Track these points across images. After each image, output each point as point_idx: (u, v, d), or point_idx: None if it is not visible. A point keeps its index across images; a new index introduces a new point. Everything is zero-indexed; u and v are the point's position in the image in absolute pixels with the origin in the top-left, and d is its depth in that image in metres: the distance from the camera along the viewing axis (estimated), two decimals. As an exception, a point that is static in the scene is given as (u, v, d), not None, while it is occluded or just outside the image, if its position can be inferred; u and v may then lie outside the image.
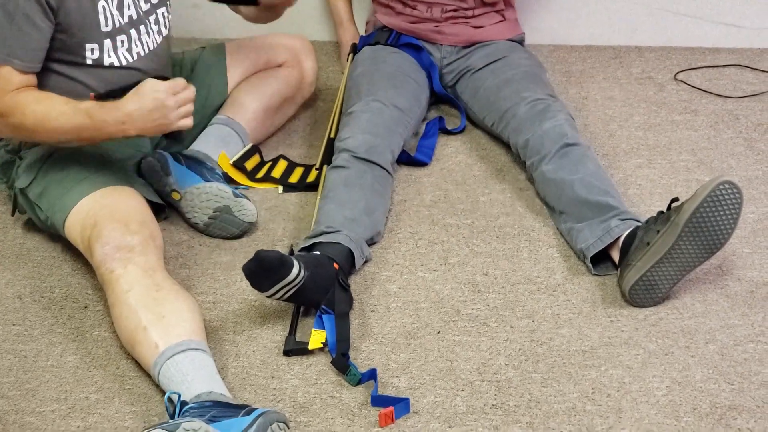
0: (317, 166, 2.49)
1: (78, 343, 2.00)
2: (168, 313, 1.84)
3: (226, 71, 2.53)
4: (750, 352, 1.95)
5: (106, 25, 2.10)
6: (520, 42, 2.80)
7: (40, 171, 2.15)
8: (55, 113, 2.00)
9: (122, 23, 2.14)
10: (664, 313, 2.05)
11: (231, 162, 2.45)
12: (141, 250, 1.95)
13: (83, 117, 1.99)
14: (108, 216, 2.00)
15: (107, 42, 2.12)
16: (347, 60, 2.77)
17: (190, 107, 2.04)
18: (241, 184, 2.46)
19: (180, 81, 2.03)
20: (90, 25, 2.08)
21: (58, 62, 2.09)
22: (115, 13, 2.12)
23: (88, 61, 2.11)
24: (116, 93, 2.06)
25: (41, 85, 2.07)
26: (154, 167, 2.26)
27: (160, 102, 1.98)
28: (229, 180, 2.42)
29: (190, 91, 2.04)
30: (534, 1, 3.11)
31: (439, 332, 2.02)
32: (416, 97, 2.60)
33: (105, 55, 2.13)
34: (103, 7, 2.09)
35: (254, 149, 2.53)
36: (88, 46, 2.10)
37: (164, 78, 2.04)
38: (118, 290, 1.89)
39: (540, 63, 2.75)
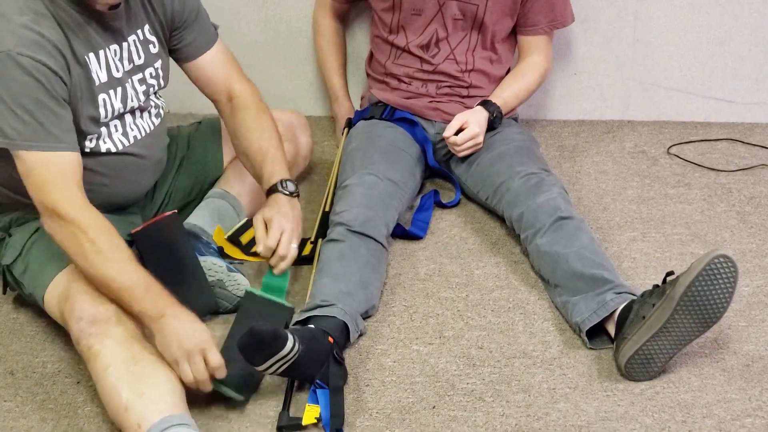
0: (312, 239, 2.49)
1: (69, 419, 1.98)
2: (147, 388, 1.82)
3: (222, 146, 2.54)
4: (748, 426, 1.93)
5: (105, 117, 2.09)
6: (514, 119, 2.83)
7: (24, 248, 2.14)
8: (116, 262, 1.93)
9: (121, 112, 2.14)
10: (661, 387, 2.04)
11: (226, 236, 2.45)
12: (117, 320, 1.92)
13: (136, 290, 1.92)
14: (78, 287, 1.98)
15: (103, 130, 2.11)
16: (342, 134, 2.79)
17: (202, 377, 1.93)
18: (236, 259, 2.46)
19: (202, 372, 1.90)
20: (88, 117, 2.06)
21: None
22: (118, 105, 2.11)
23: (86, 150, 2.09)
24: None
25: None
26: (149, 242, 2.26)
27: (175, 357, 1.89)
28: (224, 254, 2.41)
29: (205, 373, 1.92)
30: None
31: (434, 407, 2.00)
32: (411, 171, 2.62)
33: (101, 143, 2.12)
34: (104, 99, 2.08)
35: (249, 223, 2.52)
36: (87, 136, 2.08)
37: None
38: (98, 368, 1.87)
39: (533, 137, 2.78)
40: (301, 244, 2.52)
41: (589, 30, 3.08)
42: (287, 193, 2.22)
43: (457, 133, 2.58)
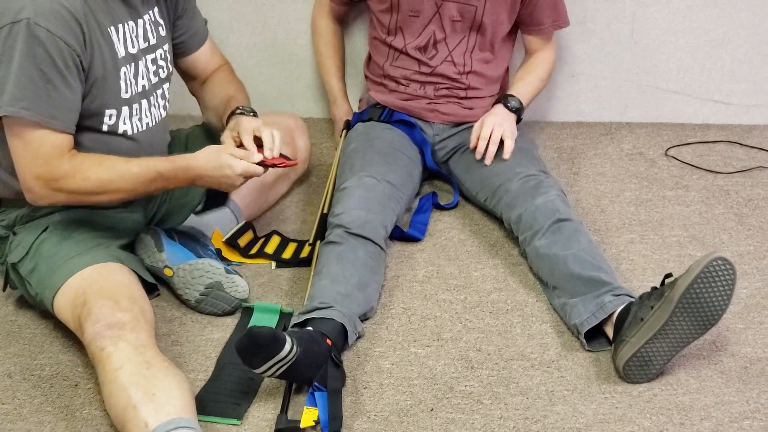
0: (310, 241, 2.49)
1: (67, 422, 1.98)
2: (158, 391, 1.82)
3: (220, 148, 2.55)
4: (746, 429, 1.93)
5: (126, 92, 2.12)
6: (513, 121, 2.83)
7: (32, 247, 2.14)
8: (122, 172, 2.04)
9: (136, 92, 2.15)
10: (659, 389, 2.04)
11: (224, 239, 2.45)
12: (132, 327, 1.94)
13: (154, 175, 2.07)
14: (97, 293, 1.99)
15: (125, 109, 2.13)
16: (341, 136, 2.79)
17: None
18: (234, 261, 2.46)
19: (252, 168, 2.13)
20: (112, 90, 2.08)
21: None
22: (132, 80, 2.14)
23: (104, 127, 2.11)
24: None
25: None
26: (147, 244, 2.26)
27: (231, 178, 2.11)
28: (222, 257, 2.41)
29: (259, 170, 2.16)
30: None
31: (432, 409, 2.00)
32: (409, 173, 2.62)
33: (120, 122, 2.13)
34: (125, 73, 2.11)
35: (247, 226, 2.53)
36: (107, 112, 2.10)
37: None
38: (108, 368, 1.87)
39: (532, 139, 2.78)
40: (300, 246, 2.53)
41: (586, 32, 3.09)
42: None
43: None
